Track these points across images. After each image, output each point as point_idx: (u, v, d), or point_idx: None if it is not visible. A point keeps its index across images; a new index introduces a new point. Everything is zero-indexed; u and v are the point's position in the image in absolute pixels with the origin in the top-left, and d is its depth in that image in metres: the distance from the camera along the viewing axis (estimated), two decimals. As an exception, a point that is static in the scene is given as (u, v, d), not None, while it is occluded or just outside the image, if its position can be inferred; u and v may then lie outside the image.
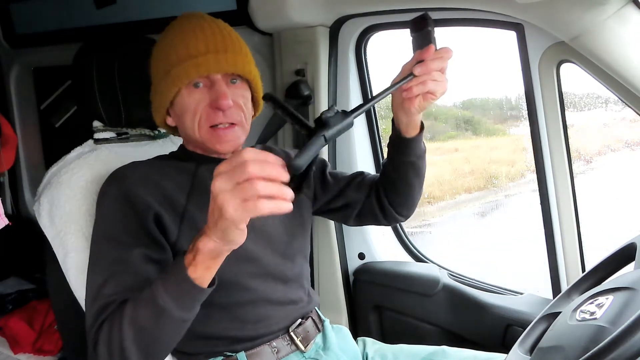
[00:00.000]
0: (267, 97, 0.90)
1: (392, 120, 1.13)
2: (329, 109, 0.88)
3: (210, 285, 0.84)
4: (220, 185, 0.71)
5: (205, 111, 1.02)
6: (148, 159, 1.12)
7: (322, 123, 0.86)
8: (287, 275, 1.11)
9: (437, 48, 1.00)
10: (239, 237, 0.76)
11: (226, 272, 1.02)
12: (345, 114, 0.89)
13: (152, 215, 0.98)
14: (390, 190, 1.21)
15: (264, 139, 1.58)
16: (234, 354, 1.04)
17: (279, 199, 0.70)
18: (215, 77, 1.02)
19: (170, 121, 1.09)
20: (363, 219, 1.28)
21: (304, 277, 1.18)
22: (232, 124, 1.04)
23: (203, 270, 0.81)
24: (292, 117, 0.91)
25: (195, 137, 1.04)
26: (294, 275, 1.13)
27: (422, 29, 1.01)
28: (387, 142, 1.17)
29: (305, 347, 1.09)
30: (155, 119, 1.11)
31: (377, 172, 1.45)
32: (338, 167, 1.62)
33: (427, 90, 1.00)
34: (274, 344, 1.07)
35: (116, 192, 1.00)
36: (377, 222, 1.28)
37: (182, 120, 1.05)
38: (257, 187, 0.68)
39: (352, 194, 1.25)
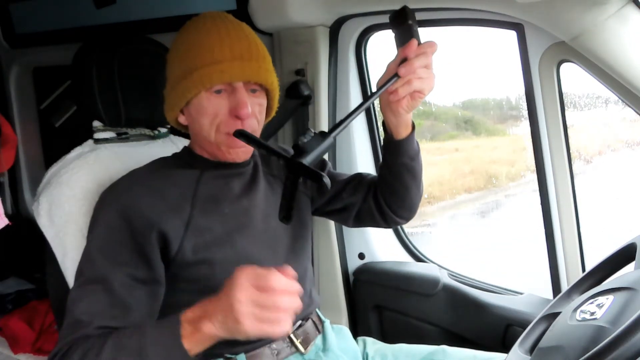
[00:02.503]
0: (238, 134, 0.93)
1: (383, 123, 1.11)
2: (305, 133, 0.88)
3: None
4: (243, 298, 0.76)
5: (225, 119, 1.01)
6: (150, 164, 1.10)
7: (300, 150, 0.86)
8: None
9: (421, 42, 0.96)
10: (244, 337, 0.79)
11: (225, 277, 1.02)
12: (324, 135, 0.89)
13: (155, 232, 0.96)
14: (387, 192, 1.18)
15: (264, 139, 1.58)
16: (233, 356, 1.03)
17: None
18: (237, 85, 1.00)
19: (182, 119, 1.07)
20: (362, 221, 1.26)
21: (307, 278, 1.17)
22: None
23: (198, 345, 0.83)
24: (268, 150, 0.93)
25: (209, 139, 1.03)
26: (296, 277, 1.13)
27: (402, 24, 0.97)
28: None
29: (305, 349, 1.09)
30: (167, 115, 1.09)
31: (377, 171, 1.44)
32: (338, 167, 1.62)
33: (414, 90, 0.97)
34: (274, 345, 1.06)
35: (114, 205, 0.99)
36: (377, 224, 1.25)
37: (198, 122, 1.03)
38: (279, 316, 0.77)
39: (348, 197, 1.23)
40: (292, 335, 1.08)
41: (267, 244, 1.09)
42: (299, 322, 1.11)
